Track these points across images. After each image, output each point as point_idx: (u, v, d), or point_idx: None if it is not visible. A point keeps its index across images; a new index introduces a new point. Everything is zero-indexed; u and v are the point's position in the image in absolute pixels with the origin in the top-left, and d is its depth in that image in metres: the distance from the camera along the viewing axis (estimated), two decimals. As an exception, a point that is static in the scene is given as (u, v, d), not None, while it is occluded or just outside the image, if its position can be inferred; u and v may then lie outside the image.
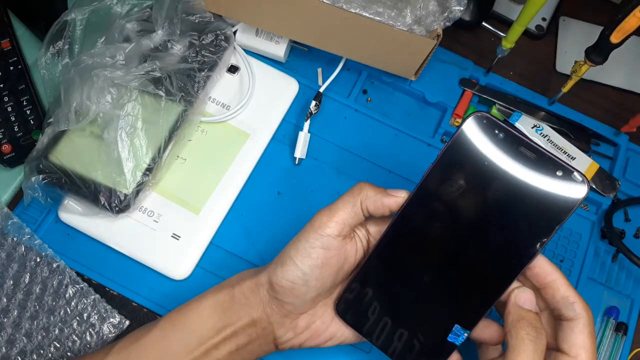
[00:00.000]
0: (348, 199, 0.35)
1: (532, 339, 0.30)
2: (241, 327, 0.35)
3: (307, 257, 0.34)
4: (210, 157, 0.48)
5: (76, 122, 0.43)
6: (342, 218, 0.35)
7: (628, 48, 0.47)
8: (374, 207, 0.35)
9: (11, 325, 0.43)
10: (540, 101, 0.54)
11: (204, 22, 0.48)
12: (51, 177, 0.43)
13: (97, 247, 0.45)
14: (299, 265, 0.34)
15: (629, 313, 0.47)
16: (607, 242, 0.49)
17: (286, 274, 0.34)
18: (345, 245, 0.36)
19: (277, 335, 0.36)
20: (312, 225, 0.35)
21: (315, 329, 0.37)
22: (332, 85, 0.52)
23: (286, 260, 0.35)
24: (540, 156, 0.32)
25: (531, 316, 0.31)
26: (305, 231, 0.35)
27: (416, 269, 0.35)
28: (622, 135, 0.53)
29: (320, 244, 0.34)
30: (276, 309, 0.36)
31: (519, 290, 0.32)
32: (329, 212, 0.35)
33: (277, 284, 0.35)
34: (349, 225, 0.35)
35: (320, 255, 0.34)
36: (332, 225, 0.35)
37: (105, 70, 0.44)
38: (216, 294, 0.36)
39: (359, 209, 0.35)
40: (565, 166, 0.32)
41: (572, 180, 0.32)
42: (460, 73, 0.54)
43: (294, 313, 0.36)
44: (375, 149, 0.51)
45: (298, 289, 0.35)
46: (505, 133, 0.32)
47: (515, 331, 0.31)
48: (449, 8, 0.45)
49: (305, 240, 0.35)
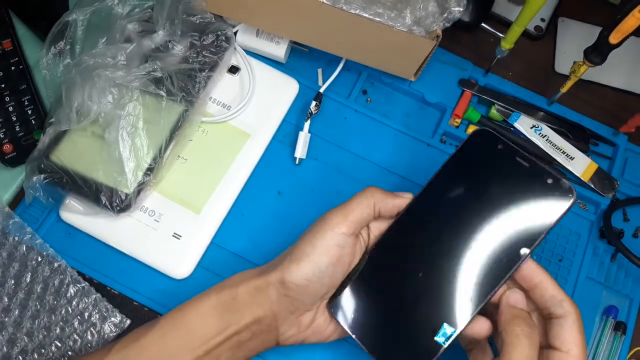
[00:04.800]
0: (362, 200, 0.37)
1: (526, 334, 0.31)
2: (244, 325, 0.35)
3: (325, 255, 0.35)
4: (211, 157, 0.48)
5: (77, 122, 0.43)
6: (357, 218, 0.36)
7: (627, 49, 0.47)
8: (385, 208, 0.37)
9: (12, 325, 0.43)
10: (539, 101, 0.54)
11: (205, 22, 0.49)
12: (52, 177, 0.43)
13: (98, 247, 0.46)
14: (316, 261, 0.35)
15: (627, 312, 0.48)
16: (605, 242, 0.50)
17: (302, 272, 0.35)
18: (356, 244, 0.37)
19: (280, 332, 0.37)
20: (327, 223, 0.36)
21: (318, 325, 0.37)
22: (332, 85, 0.52)
23: (302, 257, 0.35)
24: (532, 165, 0.35)
25: (524, 314, 0.33)
26: (321, 229, 0.36)
27: (408, 269, 0.37)
28: (620, 136, 0.53)
29: (336, 242, 0.35)
30: (284, 307, 0.36)
31: (509, 292, 0.34)
32: (344, 212, 0.36)
33: (292, 282, 0.35)
34: (361, 225, 0.37)
35: (337, 253, 0.35)
36: (347, 224, 0.36)
37: (106, 70, 0.44)
38: (218, 294, 0.36)
39: (372, 210, 0.37)
40: (554, 175, 0.35)
41: (561, 188, 0.34)
42: (459, 74, 0.54)
43: (301, 309, 0.37)
44: (375, 149, 0.51)
45: (312, 286, 0.35)
46: (503, 145, 0.36)
47: (510, 328, 0.32)
48: (449, 9, 0.45)
49: (322, 238, 0.35)
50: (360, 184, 0.50)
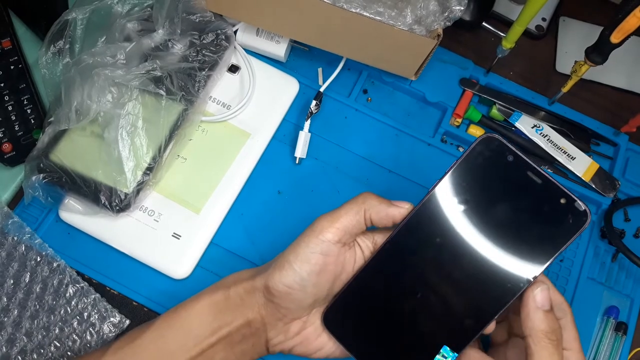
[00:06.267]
0: (351, 207, 0.35)
1: (555, 344, 0.31)
2: (236, 327, 0.35)
3: (306, 263, 0.34)
4: (211, 157, 0.48)
5: (77, 121, 0.43)
6: (344, 225, 0.34)
7: (628, 48, 0.47)
8: (378, 217, 0.35)
9: (11, 325, 0.43)
10: (540, 101, 0.54)
11: (205, 21, 0.49)
12: (52, 176, 0.43)
13: (97, 247, 0.46)
14: (297, 270, 0.34)
15: (628, 312, 0.47)
16: (607, 242, 0.50)
17: (283, 279, 0.34)
18: (345, 253, 0.35)
19: (269, 337, 0.36)
20: (312, 230, 0.35)
21: (306, 335, 0.36)
22: (332, 84, 0.52)
23: (284, 264, 0.34)
24: (545, 182, 0.32)
25: (552, 322, 0.31)
26: (306, 236, 0.35)
27: (408, 286, 0.34)
28: (621, 135, 0.53)
29: (319, 249, 0.34)
30: (271, 312, 0.35)
31: (537, 292, 0.32)
32: (331, 218, 0.35)
33: (274, 288, 0.34)
34: (350, 233, 0.35)
35: (319, 261, 0.34)
36: (333, 231, 0.34)
37: (106, 69, 0.44)
38: (212, 294, 0.36)
39: (362, 217, 0.35)
40: (569, 195, 0.32)
41: (575, 209, 0.32)
42: (460, 73, 0.54)
43: (288, 317, 0.36)
44: (376, 148, 0.51)
45: (295, 294, 0.34)
46: (514, 157, 0.33)
47: (538, 337, 0.31)
48: (449, 8, 0.45)
49: (306, 245, 0.34)
50: (361, 184, 0.50)
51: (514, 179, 0.33)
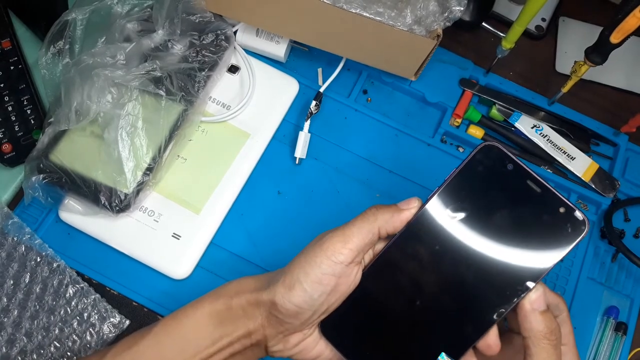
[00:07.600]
0: (363, 225, 0.33)
1: (554, 345, 0.31)
2: (237, 337, 0.35)
3: (318, 284, 0.33)
4: (211, 157, 0.48)
5: (77, 121, 0.43)
6: (357, 245, 0.33)
7: (628, 48, 0.47)
8: (393, 228, 0.34)
9: (11, 325, 0.43)
10: (540, 101, 0.54)
11: (205, 21, 0.49)
12: (51, 177, 0.43)
13: (97, 247, 0.46)
14: (308, 291, 0.33)
15: (628, 313, 0.47)
16: (606, 242, 0.50)
17: (293, 299, 0.33)
18: (357, 270, 0.34)
19: (268, 345, 0.36)
20: (324, 250, 0.33)
21: (305, 345, 0.36)
22: (332, 85, 0.52)
23: (294, 284, 0.33)
24: (545, 191, 0.32)
25: (550, 322, 0.31)
26: (316, 255, 0.33)
27: (406, 294, 0.34)
28: (621, 136, 0.53)
29: (332, 271, 0.33)
30: (273, 325, 0.35)
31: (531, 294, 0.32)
32: (343, 238, 0.33)
33: (282, 307, 0.33)
34: (364, 251, 0.34)
35: (332, 282, 0.33)
36: (345, 252, 0.33)
37: (105, 69, 0.44)
38: (213, 302, 0.35)
39: (375, 236, 0.34)
40: (568, 205, 0.32)
41: (574, 218, 0.32)
42: (460, 73, 0.54)
43: (290, 330, 0.35)
44: (375, 148, 0.51)
45: (304, 314, 0.34)
46: (513, 165, 0.33)
47: (537, 340, 0.31)
48: (449, 8, 0.45)
49: (317, 266, 0.33)
50: (360, 184, 0.50)
51: (513, 187, 0.33)
